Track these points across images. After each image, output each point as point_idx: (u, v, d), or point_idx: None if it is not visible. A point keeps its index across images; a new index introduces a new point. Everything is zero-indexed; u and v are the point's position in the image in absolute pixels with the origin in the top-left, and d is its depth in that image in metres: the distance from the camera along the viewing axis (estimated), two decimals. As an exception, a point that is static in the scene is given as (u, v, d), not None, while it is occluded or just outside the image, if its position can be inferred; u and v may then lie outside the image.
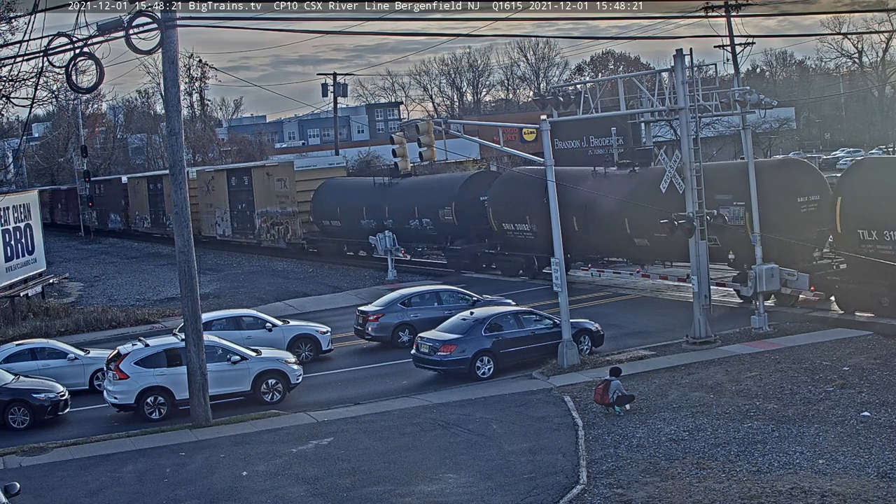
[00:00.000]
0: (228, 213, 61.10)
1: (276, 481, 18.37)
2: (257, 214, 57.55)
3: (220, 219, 62.21)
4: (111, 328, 36.49)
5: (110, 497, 18.31)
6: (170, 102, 22.77)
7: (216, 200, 62.60)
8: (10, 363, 26.55)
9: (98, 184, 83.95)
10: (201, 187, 64.02)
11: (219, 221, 62.47)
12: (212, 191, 63.04)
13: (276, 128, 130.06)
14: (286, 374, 25.00)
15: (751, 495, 15.54)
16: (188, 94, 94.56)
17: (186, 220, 22.86)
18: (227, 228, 61.86)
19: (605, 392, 20.98)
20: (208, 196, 63.49)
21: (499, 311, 26.96)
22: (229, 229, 61.53)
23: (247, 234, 59.58)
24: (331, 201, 51.82)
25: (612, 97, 30.79)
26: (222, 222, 62.18)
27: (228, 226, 61.47)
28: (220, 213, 62.33)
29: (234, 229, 60.98)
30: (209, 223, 63.67)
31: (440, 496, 16.96)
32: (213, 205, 63.26)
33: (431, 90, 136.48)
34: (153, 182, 73.15)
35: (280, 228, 55.43)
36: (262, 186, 56.64)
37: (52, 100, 51.49)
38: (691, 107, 27.09)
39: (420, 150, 26.35)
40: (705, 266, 27.28)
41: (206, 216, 63.91)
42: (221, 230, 62.54)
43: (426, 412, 22.39)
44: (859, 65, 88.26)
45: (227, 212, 61.35)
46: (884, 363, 22.81)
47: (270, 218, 56.17)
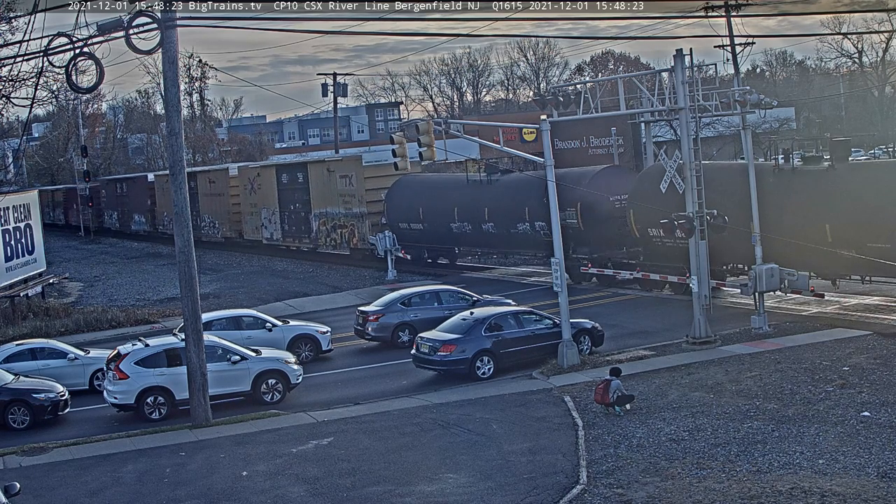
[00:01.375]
0: (278, 215, 55.32)
1: (276, 481, 18.37)
2: (314, 216, 51.54)
3: (268, 220, 56.66)
4: (111, 328, 36.50)
5: (110, 497, 18.31)
6: (170, 102, 22.78)
7: (263, 200, 56.93)
8: (10, 363, 26.56)
9: (119, 182, 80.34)
10: (244, 186, 59.07)
11: (265, 224, 56.91)
12: (257, 189, 57.41)
13: (276, 128, 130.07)
14: (286, 374, 25.00)
15: (751, 495, 15.54)
16: (188, 94, 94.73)
17: (186, 220, 22.87)
18: (275, 231, 55.92)
19: (605, 392, 20.99)
20: (253, 195, 57.98)
21: (499, 311, 26.96)
22: (278, 232, 55.54)
23: (301, 239, 53.65)
24: (410, 201, 45.16)
25: (612, 97, 30.78)
26: (270, 224, 56.49)
27: (278, 228, 55.59)
28: (267, 215, 56.69)
29: (286, 232, 54.91)
30: (253, 225, 58.43)
31: (440, 496, 16.96)
32: (258, 205, 57.76)
33: (431, 90, 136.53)
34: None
35: (344, 232, 49.38)
36: (322, 184, 50.52)
37: (52, 100, 51.53)
38: (691, 107, 27.09)
39: (420, 150, 26.35)
40: (705, 266, 27.27)
41: (249, 218, 58.89)
42: (269, 233, 56.70)
43: (426, 412, 22.39)
44: (859, 65, 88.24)
45: (275, 213, 55.56)
46: (884, 363, 22.82)
47: (332, 220, 50.23)
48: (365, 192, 47.31)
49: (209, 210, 64.05)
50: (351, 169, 48.42)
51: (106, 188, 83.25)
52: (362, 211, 47.59)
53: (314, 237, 51.82)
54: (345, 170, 48.91)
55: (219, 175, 63.61)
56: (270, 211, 56.19)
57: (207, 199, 64.04)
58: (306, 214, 52.42)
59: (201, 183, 64.41)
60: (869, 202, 27.33)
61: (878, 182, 28.06)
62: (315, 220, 51.64)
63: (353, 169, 48.32)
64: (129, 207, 77.50)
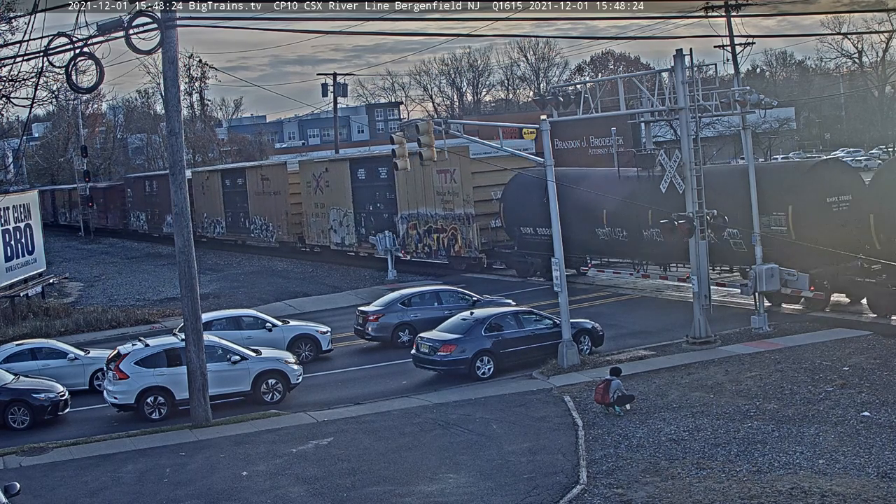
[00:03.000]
0: (352, 217, 49.07)
1: (276, 481, 18.37)
2: (401, 218, 45.47)
3: (338, 223, 50.08)
4: (111, 328, 36.51)
5: (110, 497, 18.31)
6: (170, 102, 22.77)
7: (331, 200, 50.55)
8: (10, 363, 26.57)
9: (148, 180, 72.82)
10: (307, 183, 52.68)
11: (335, 226, 50.33)
12: (324, 187, 51.14)
13: (276, 128, 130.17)
14: (286, 374, 25.00)
15: (751, 495, 15.54)
16: (188, 94, 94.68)
17: (187, 220, 22.84)
18: (348, 235, 49.77)
19: (605, 392, 20.99)
20: (319, 194, 51.66)
21: (499, 311, 26.96)
22: (352, 236, 49.38)
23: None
24: (535, 202, 35.38)
25: (612, 97, 30.76)
26: (341, 228, 50.01)
27: (351, 232, 49.44)
28: (336, 217, 50.20)
29: (362, 237, 48.67)
30: (319, 229, 52.03)
31: (440, 496, 16.96)
32: (324, 205, 51.27)
33: (431, 90, 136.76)
34: (230, 177, 61.99)
35: (442, 237, 42.97)
36: (412, 181, 44.05)
37: (52, 100, 51.51)
38: (691, 107, 27.08)
39: (420, 150, 26.34)
40: (705, 266, 27.26)
41: (313, 220, 52.47)
42: (339, 238, 50.30)
43: (426, 412, 22.38)
44: (859, 65, 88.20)
45: (348, 215, 49.36)
46: (884, 363, 22.82)
47: (426, 223, 44.03)
48: (472, 190, 40.77)
49: (261, 211, 57.91)
50: (454, 163, 40.15)
51: (133, 187, 75.75)
52: (468, 212, 41.28)
53: (401, 242, 45.72)
54: (445, 164, 39.76)
55: (274, 171, 57.30)
56: (342, 212, 49.88)
57: (259, 199, 58.01)
58: (390, 216, 46.34)
59: (251, 180, 58.63)
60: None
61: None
62: (402, 222, 45.43)
63: (457, 162, 40.43)
64: (160, 208, 68.52)
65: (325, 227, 51.17)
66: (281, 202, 55.56)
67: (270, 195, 56.59)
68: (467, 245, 41.84)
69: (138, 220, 74.53)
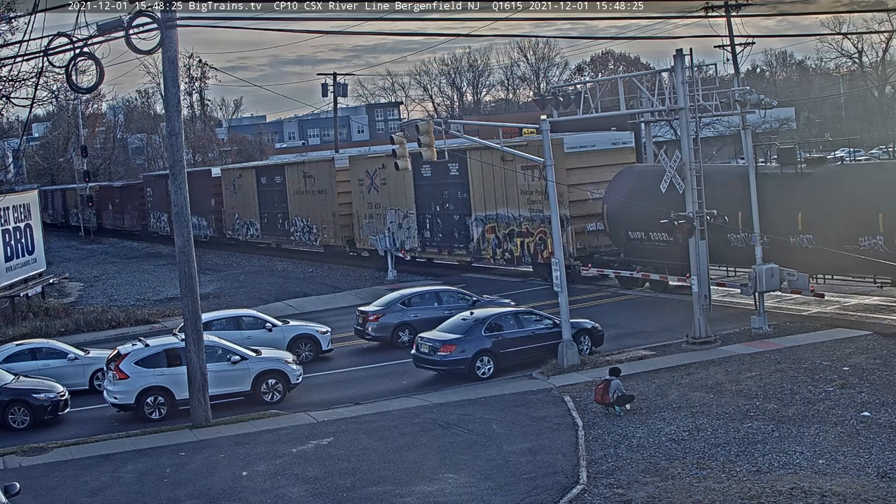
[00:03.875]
0: (413, 219, 44.57)
1: (276, 481, 18.37)
2: (475, 221, 41.02)
3: (396, 226, 45.55)
4: (111, 328, 36.53)
5: (110, 497, 18.31)
6: (170, 102, 22.78)
7: (389, 199, 46.09)
8: (10, 363, 26.58)
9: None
10: (358, 181, 48.18)
11: (392, 229, 45.52)
12: (379, 185, 46.48)
13: (276, 128, 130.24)
14: (286, 374, 25.00)
15: (751, 495, 15.54)
16: (188, 94, 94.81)
17: (186, 220, 22.85)
18: (409, 239, 44.88)
19: (605, 392, 20.99)
20: (371, 193, 47.21)
21: (499, 311, 26.97)
22: (414, 240, 44.59)
23: (452, 249, 42.91)
24: (649, 200, 30.52)
25: (612, 97, 30.78)
26: (400, 231, 45.30)
27: (413, 235, 44.66)
28: (395, 218, 45.75)
29: (426, 241, 44.00)
30: (372, 231, 46.99)
31: (440, 496, 16.96)
32: (381, 205, 46.61)
33: (431, 90, 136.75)
34: (267, 174, 57.33)
35: (527, 242, 38.36)
36: (490, 178, 39.74)
37: (52, 100, 51.62)
38: (691, 107, 27.09)
39: (420, 150, 26.35)
40: (705, 266, 27.26)
41: (367, 222, 47.72)
42: (399, 241, 45.19)
43: (426, 412, 22.38)
44: (859, 65, 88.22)
45: (409, 216, 44.79)
46: (884, 363, 22.81)
47: (507, 226, 39.33)
48: (567, 187, 35.78)
49: (303, 211, 53.34)
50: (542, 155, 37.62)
51: (153, 185, 70.55)
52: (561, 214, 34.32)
53: (474, 248, 41.41)
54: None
55: (320, 167, 52.50)
56: (401, 214, 45.37)
57: (300, 199, 53.44)
58: (462, 218, 41.90)
59: (292, 177, 54.13)
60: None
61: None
62: (476, 225, 41.09)
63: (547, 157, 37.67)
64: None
65: (380, 229, 46.31)
66: (327, 202, 50.96)
67: (314, 194, 52.03)
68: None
69: (159, 221, 69.18)
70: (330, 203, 50.73)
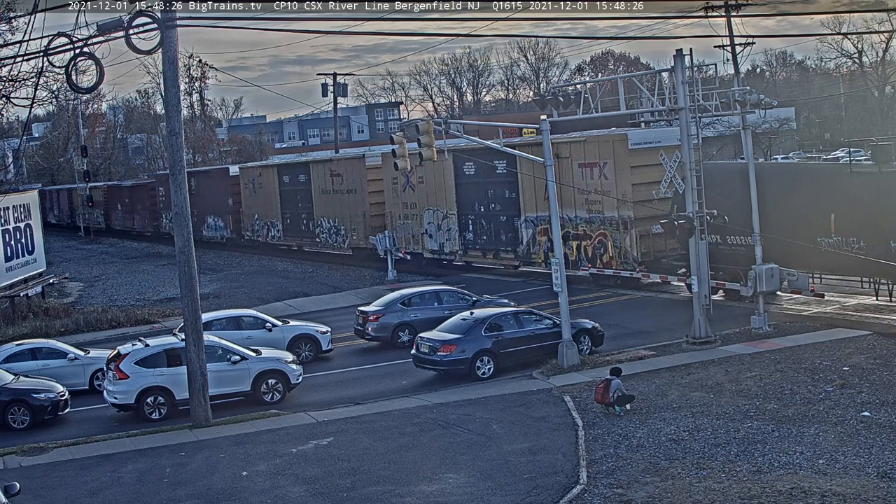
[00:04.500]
0: (454, 220, 42.29)
1: (276, 481, 18.37)
2: (525, 222, 38.69)
3: (435, 227, 43.37)
4: (111, 328, 36.54)
5: (110, 497, 18.31)
6: (170, 102, 22.78)
7: (427, 199, 43.73)
8: (10, 363, 26.59)
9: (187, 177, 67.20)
10: (392, 179, 45.34)
11: (430, 231, 43.60)
12: (416, 184, 43.99)
13: (276, 128, 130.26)
14: (286, 374, 25.00)
15: (751, 495, 15.54)
16: (188, 94, 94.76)
17: (186, 220, 22.84)
18: (449, 241, 42.48)
19: (605, 392, 20.99)
20: (407, 193, 44.78)
21: (499, 311, 26.98)
22: (455, 243, 42.25)
23: (498, 252, 40.42)
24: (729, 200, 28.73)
25: (612, 97, 30.74)
26: (439, 233, 43.15)
27: (454, 238, 42.28)
28: (434, 220, 43.37)
29: (468, 243, 41.53)
30: (409, 233, 45.09)
31: (440, 496, 16.96)
32: (418, 205, 44.32)
33: (431, 90, 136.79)
34: (290, 173, 54.61)
35: (585, 246, 35.75)
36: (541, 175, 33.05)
37: (52, 100, 51.55)
38: (691, 107, 27.08)
39: (420, 150, 26.35)
40: (705, 266, 27.25)
41: (401, 223, 45.46)
42: (436, 244, 43.12)
43: (426, 412, 22.39)
44: (859, 65, 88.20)
45: (450, 217, 42.31)
46: (884, 363, 22.81)
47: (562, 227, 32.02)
48: (631, 187, 33.57)
49: (329, 212, 50.75)
50: (605, 154, 34.08)
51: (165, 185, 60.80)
52: (623, 216, 34.11)
53: (523, 251, 39.04)
54: (591, 155, 35.02)
55: (349, 165, 50.03)
56: (440, 214, 42.95)
57: (327, 199, 50.75)
58: (510, 219, 39.62)
59: (317, 176, 51.63)
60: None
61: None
62: (526, 227, 38.69)
63: (608, 154, 34.05)
64: (200, 208, 61.13)
65: (418, 232, 44.00)
66: (357, 202, 48.41)
67: (342, 194, 49.45)
68: (621, 255, 34.61)
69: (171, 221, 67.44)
70: (360, 203, 48.32)
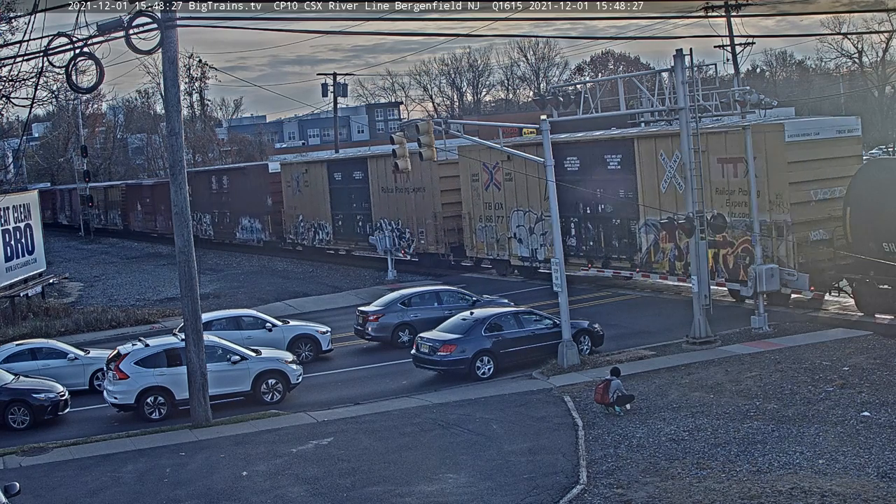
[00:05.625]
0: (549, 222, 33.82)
1: (276, 481, 18.37)
2: (645, 226, 33.65)
3: (526, 231, 38.48)
4: (111, 328, 36.53)
5: (110, 497, 18.31)
6: (170, 102, 22.78)
7: (513, 198, 39.04)
8: (10, 363, 26.58)
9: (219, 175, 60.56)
10: (471, 176, 40.96)
11: (520, 235, 38.77)
12: (502, 182, 39.35)
13: (276, 128, 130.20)
14: (286, 374, 25.00)
15: (751, 495, 15.54)
16: (188, 94, 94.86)
17: (187, 220, 22.84)
18: (542, 247, 37.58)
19: (605, 392, 20.99)
20: (490, 192, 40.07)
21: (499, 311, 26.97)
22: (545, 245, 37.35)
23: (609, 260, 35.55)
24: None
25: (612, 97, 30.75)
26: (530, 237, 38.33)
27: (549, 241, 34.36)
28: (524, 222, 38.55)
29: (570, 250, 36.00)
30: (489, 237, 40.55)
31: (440, 496, 16.96)
32: (501, 205, 39.75)
33: (431, 90, 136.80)
34: (343, 169, 49.46)
35: (725, 255, 30.53)
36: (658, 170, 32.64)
37: (52, 100, 51.59)
38: (691, 107, 27.08)
39: (420, 150, 26.35)
40: (705, 266, 27.24)
41: (481, 226, 40.71)
42: (527, 250, 38.57)
43: (426, 412, 22.39)
44: (859, 65, 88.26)
45: (544, 219, 36.27)
46: (884, 363, 22.81)
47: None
48: (788, 186, 28.65)
49: (389, 212, 45.83)
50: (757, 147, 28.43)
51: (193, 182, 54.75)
52: (780, 219, 28.87)
53: (642, 259, 34.01)
54: (734, 148, 29.68)
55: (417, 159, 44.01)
56: (533, 216, 38.17)
57: (388, 198, 45.92)
58: (624, 222, 34.71)
59: (376, 172, 46.37)
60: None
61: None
62: (646, 231, 33.70)
63: (760, 147, 28.64)
64: (233, 208, 57.60)
65: (503, 236, 39.64)
66: (425, 202, 43.51)
67: (408, 193, 44.29)
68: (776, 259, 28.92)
69: (201, 223, 61.13)
70: (430, 203, 43.29)
